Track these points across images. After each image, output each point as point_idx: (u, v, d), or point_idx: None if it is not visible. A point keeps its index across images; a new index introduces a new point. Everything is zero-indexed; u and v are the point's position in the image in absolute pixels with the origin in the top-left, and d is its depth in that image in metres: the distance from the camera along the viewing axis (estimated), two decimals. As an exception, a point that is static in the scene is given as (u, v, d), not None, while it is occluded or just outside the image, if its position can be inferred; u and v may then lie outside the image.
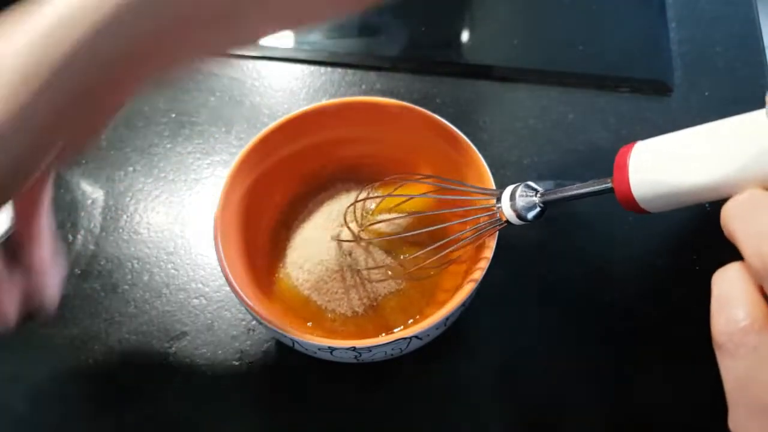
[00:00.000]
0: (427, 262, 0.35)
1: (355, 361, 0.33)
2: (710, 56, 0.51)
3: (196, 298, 0.41)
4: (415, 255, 0.36)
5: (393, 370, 0.38)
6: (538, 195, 0.30)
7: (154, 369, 0.39)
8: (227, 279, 0.32)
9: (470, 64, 0.52)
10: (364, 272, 0.37)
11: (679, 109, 0.49)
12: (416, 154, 0.40)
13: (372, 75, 0.51)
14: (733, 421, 0.24)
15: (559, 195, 0.30)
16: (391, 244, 0.38)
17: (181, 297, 0.41)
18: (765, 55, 0.51)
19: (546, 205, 0.30)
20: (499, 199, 0.31)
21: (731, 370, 0.23)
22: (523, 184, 0.31)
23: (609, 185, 0.28)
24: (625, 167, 0.26)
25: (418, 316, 0.37)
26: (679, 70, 0.50)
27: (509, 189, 0.31)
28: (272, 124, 0.38)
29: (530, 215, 0.30)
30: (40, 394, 0.38)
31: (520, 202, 0.30)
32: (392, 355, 0.33)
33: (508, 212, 0.31)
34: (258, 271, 0.38)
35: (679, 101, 0.49)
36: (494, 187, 0.34)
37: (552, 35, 0.54)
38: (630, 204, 0.26)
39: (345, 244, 0.38)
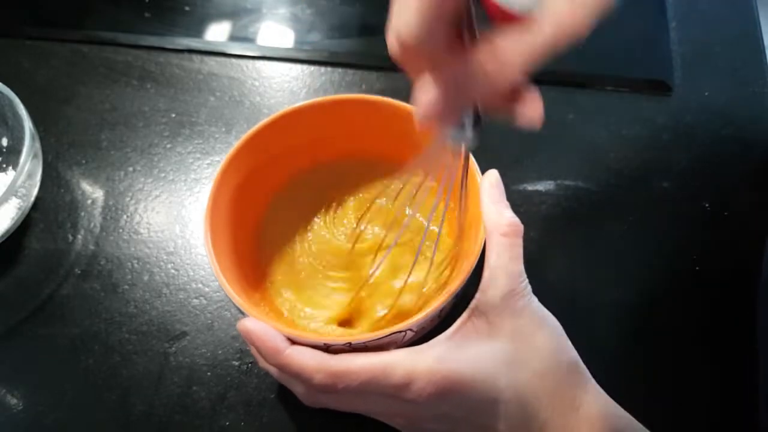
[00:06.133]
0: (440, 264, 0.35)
1: None
2: (710, 56, 0.51)
3: (196, 298, 0.41)
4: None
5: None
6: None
7: (154, 369, 0.39)
8: (218, 278, 0.32)
9: (470, 64, 0.52)
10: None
11: (679, 109, 0.48)
12: (413, 151, 0.41)
13: (372, 75, 0.51)
14: None
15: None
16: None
17: (181, 297, 0.41)
18: (765, 55, 0.51)
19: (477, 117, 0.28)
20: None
21: None
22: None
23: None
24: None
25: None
26: (679, 70, 0.50)
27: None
28: (264, 120, 0.38)
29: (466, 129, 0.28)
30: (40, 394, 0.38)
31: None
32: (388, 349, 0.33)
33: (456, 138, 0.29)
34: (252, 267, 0.38)
35: (679, 101, 0.49)
36: (482, 193, 0.34)
37: (552, 35, 0.54)
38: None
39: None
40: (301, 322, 0.37)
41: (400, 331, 0.31)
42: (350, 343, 0.30)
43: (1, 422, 0.37)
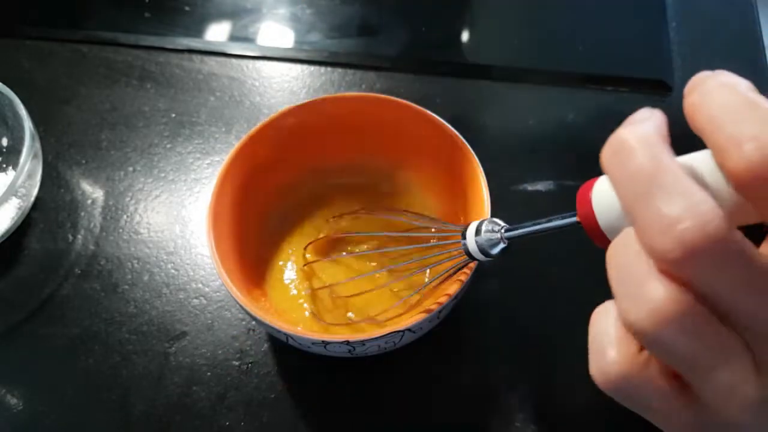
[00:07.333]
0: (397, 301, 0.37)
1: (349, 355, 0.33)
2: (710, 56, 0.51)
3: (196, 298, 0.41)
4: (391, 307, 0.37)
5: (389, 366, 0.38)
6: (502, 230, 0.29)
7: (154, 369, 0.39)
8: (219, 273, 0.33)
9: (470, 64, 0.52)
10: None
11: (679, 109, 0.48)
12: (413, 151, 0.41)
13: (372, 75, 0.51)
14: None
15: (523, 231, 0.29)
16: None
17: (181, 297, 0.41)
18: (765, 55, 0.51)
19: (510, 241, 0.29)
20: (464, 235, 0.31)
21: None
22: (488, 220, 0.30)
23: (574, 219, 0.26)
24: (587, 201, 0.25)
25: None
26: (679, 70, 0.50)
27: (474, 224, 0.31)
28: (267, 118, 0.38)
29: (494, 251, 0.30)
30: (40, 394, 0.38)
31: (484, 237, 0.30)
32: (386, 348, 0.33)
33: (472, 247, 0.30)
34: (252, 266, 0.38)
35: (679, 101, 0.48)
36: (485, 192, 0.34)
37: (552, 35, 0.54)
38: (599, 237, 0.26)
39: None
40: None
41: (398, 331, 0.31)
42: (348, 341, 0.31)
43: (1, 422, 0.37)
